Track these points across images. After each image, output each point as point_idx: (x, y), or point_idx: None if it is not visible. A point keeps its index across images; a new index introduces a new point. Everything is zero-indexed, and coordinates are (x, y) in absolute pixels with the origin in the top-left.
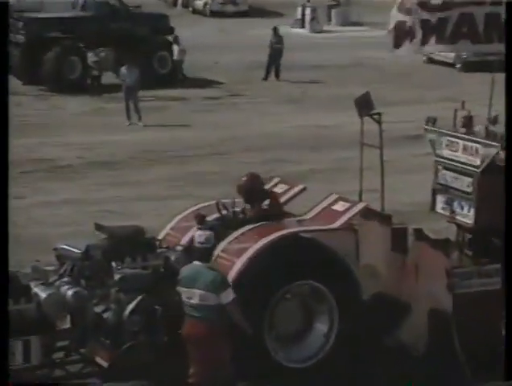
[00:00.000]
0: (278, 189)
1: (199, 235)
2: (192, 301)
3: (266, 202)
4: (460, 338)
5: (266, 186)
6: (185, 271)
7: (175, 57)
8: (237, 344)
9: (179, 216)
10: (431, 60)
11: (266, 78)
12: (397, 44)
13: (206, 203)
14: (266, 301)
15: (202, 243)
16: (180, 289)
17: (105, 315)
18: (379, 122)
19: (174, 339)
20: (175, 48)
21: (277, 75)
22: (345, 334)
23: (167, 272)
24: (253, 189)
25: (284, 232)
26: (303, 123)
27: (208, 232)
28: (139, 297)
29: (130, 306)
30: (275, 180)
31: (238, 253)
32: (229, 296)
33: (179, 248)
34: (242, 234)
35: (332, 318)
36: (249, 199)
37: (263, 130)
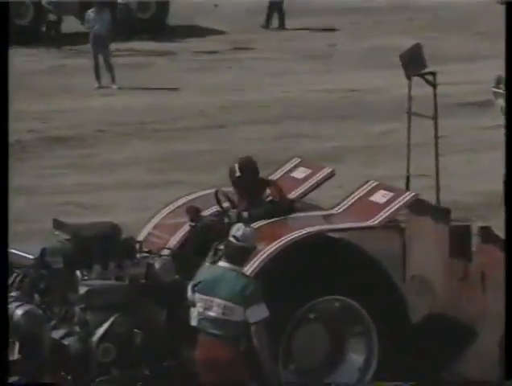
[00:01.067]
0: (298, 174)
1: (237, 228)
2: (210, 312)
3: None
4: None
5: (282, 171)
6: (205, 273)
7: None
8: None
9: (166, 210)
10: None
11: (266, 25)
12: None
13: (201, 193)
14: (281, 322)
15: (238, 239)
16: (196, 296)
17: (67, 342)
18: (433, 84)
19: (158, 373)
20: None
21: (281, 23)
22: (387, 368)
23: (150, 284)
24: (245, 179)
25: (306, 230)
26: (329, 86)
27: (248, 228)
28: (112, 318)
29: (101, 330)
30: (293, 162)
31: None
32: (260, 313)
33: (165, 252)
34: (260, 228)
35: (370, 347)
36: (242, 191)
37: (276, 95)
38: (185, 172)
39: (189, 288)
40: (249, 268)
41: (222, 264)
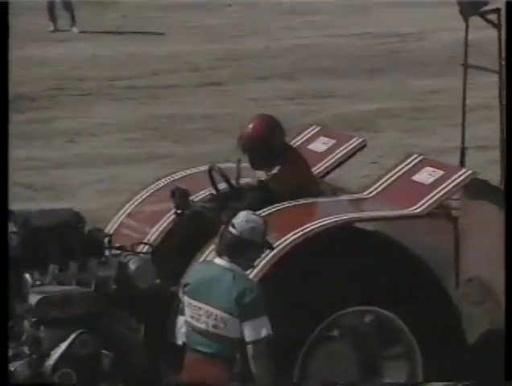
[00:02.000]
0: (318, 146)
1: (243, 216)
2: (198, 323)
3: (277, 169)
4: None
5: (297, 142)
6: (197, 271)
7: None
8: None
9: (143, 194)
10: None
11: None
12: None
13: (190, 171)
14: (295, 342)
15: (237, 228)
16: (185, 300)
17: (13, 367)
18: (497, 26)
19: None
20: None
21: None
22: None
23: (122, 291)
24: (265, 143)
25: (328, 220)
26: (359, 29)
27: (252, 215)
28: (73, 336)
29: (58, 351)
30: (312, 130)
31: None
32: (259, 330)
33: (143, 249)
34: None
35: (412, 373)
36: (258, 163)
37: (289, 43)
38: (169, 143)
39: (180, 289)
40: (254, 270)
41: (219, 261)
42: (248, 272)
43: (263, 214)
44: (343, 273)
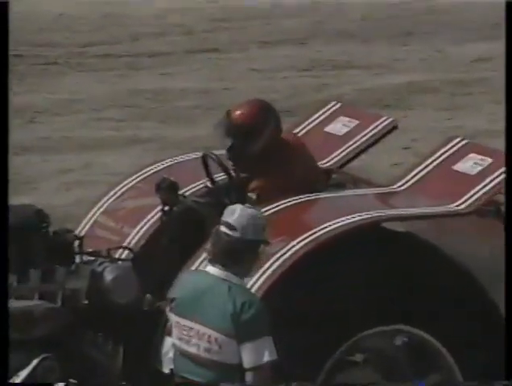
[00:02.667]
0: (337, 127)
1: (231, 210)
2: (188, 347)
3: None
4: None
5: (310, 123)
6: (185, 283)
7: None
8: None
9: (122, 186)
10: None
11: None
12: None
13: (180, 158)
14: (309, 366)
15: (232, 227)
16: (172, 318)
17: None
18: None
19: None
20: None
21: None
22: None
23: (96, 305)
24: (256, 133)
25: (350, 219)
26: None
27: (250, 210)
28: (35, 361)
29: (17, 380)
30: (329, 108)
31: None
32: (261, 353)
33: (122, 254)
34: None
35: None
36: (240, 158)
37: None
38: (154, 124)
39: (167, 305)
40: (256, 281)
41: (212, 270)
42: (249, 284)
43: (268, 212)
44: (367, 285)
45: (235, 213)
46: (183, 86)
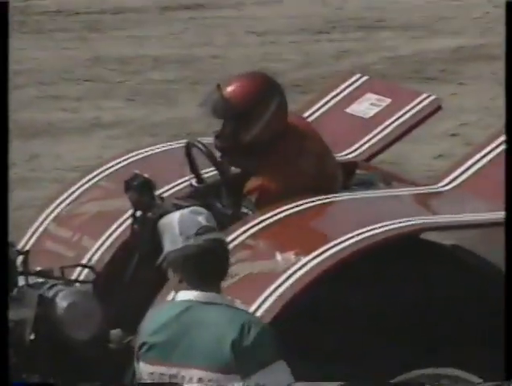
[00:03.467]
0: (363, 106)
1: (179, 217)
2: None
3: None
4: None
5: (327, 103)
6: (157, 320)
7: None
8: None
9: (79, 185)
10: None
11: None
12: None
13: (154, 147)
14: None
15: (201, 232)
16: (144, 370)
17: None
18: None
19: None
20: None
21: None
22: None
23: (47, 341)
24: (255, 114)
25: (379, 228)
26: None
27: (199, 208)
28: None
29: None
30: (354, 82)
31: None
32: (276, 378)
33: (80, 274)
34: (267, 229)
35: None
36: (232, 147)
37: None
38: (120, 103)
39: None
40: (261, 304)
41: (186, 295)
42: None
43: (272, 219)
44: (403, 315)
45: (173, 218)
46: (158, 53)
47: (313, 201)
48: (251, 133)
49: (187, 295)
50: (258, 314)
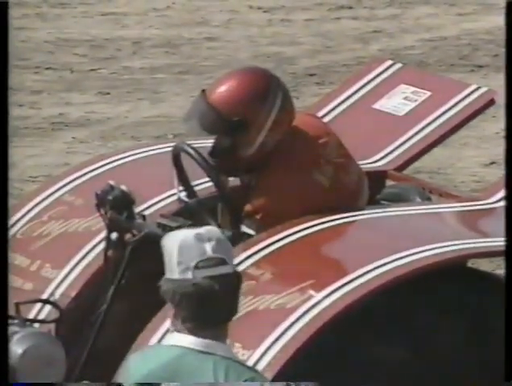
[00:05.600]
0: (395, 101)
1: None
2: None
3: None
4: None
5: (349, 96)
6: (141, 369)
7: None
8: None
9: (39, 201)
10: None
11: None
12: None
13: (133, 152)
14: None
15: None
16: None
17: None
18: None
19: None
20: None
21: None
22: None
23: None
24: (252, 119)
25: (417, 254)
26: None
27: (217, 230)
28: None
29: None
30: (384, 71)
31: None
32: None
33: (42, 312)
34: (274, 255)
35: None
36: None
37: None
38: (92, 97)
39: None
40: (271, 345)
41: (179, 339)
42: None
43: (280, 243)
44: (442, 351)
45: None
46: (138, 34)
47: (331, 220)
48: (252, 147)
49: (180, 340)
50: (264, 363)
